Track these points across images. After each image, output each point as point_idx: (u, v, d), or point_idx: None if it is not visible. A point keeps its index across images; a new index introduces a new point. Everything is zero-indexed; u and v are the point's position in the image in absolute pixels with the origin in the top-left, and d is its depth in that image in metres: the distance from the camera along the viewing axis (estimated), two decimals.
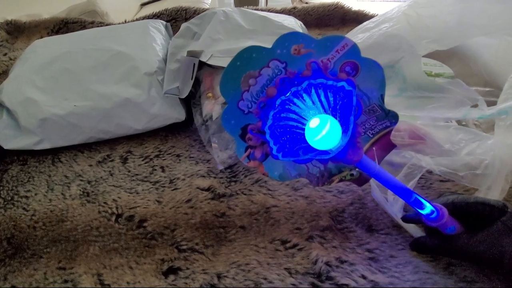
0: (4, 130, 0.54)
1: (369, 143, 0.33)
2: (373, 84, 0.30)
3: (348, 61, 0.29)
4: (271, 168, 0.33)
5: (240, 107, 0.30)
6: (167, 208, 0.44)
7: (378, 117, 0.32)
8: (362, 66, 0.30)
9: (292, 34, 0.28)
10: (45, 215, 0.45)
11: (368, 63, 0.30)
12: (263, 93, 0.30)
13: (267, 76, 0.29)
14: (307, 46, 0.28)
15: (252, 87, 0.29)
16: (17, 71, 0.59)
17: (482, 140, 0.38)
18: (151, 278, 0.37)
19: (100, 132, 0.54)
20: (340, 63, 0.29)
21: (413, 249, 0.36)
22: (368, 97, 0.31)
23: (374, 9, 0.86)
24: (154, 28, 0.66)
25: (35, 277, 0.38)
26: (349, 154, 0.31)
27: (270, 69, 0.29)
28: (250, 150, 0.32)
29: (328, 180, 0.35)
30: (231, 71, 0.29)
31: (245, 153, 0.32)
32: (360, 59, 0.30)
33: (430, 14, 0.50)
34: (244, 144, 0.32)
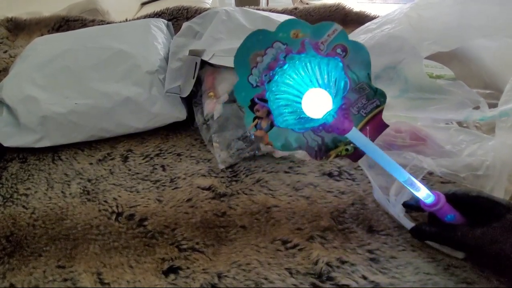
0: (4, 127, 0.53)
1: (362, 122, 0.37)
2: (361, 64, 0.35)
3: (338, 44, 0.34)
4: (275, 138, 0.37)
5: (250, 81, 0.35)
6: (168, 207, 0.44)
7: (368, 96, 0.36)
8: (350, 48, 0.34)
9: (291, 21, 0.34)
10: (44, 213, 0.45)
11: (356, 46, 0.34)
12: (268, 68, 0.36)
13: (271, 55, 0.34)
14: (303, 31, 0.34)
15: (259, 64, 0.34)
16: (18, 69, 0.59)
17: (483, 141, 0.38)
18: (151, 277, 0.37)
19: (100, 130, 0.54)
20: (331, 45, 0.34)
21: (413, 235, 0.37)
22: (357, 76, 0.35)
23: (375, 11, 0.86)
24: (156, 27, 0.66)
25: (34, 276, 0.38)
26: (339, 123, 0.35)
27: (274, 49, 0.34)
28: (257, 120, 0.36)
29: (326, 155, 0.38)
30: (242, 51, 0.34)
31: (253, 123, 0.36)
32: (348, 42, 0.34)
33: (431, 16, 0.50)
34: (252, 114, 0.36)
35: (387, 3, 2.10)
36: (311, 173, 0.47)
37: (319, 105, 0.34)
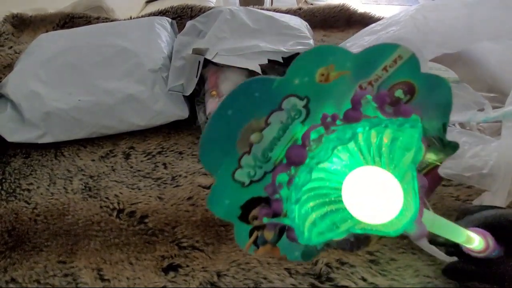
0: (7, 123, 0.54)
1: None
2: (435, 110, 0.21)
3: (399, 82, 0.19)
4: (289, 248, 0.23)
5: (237, 179, 0.19)
6: (169, 205, 0.44)
7: (433, 150, 0.23)
8: (420, 87, 0.20)
9: (320, 51, 0.18)
10: (46, 208, 0.45)
11: (429, 82, 0.20)
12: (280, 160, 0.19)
13: (279, 123, 0.18)
14: (340, 66, 0.18)
15: (256, 146, 0.18)
16: (22, 65, 0.59)
17: (486, 143, 0.38)
18: (151, 275, 0.37)
19: (103, 127, 0.54)
20: (387, 85, 0.19)
21: (448, 276, 0.31)
22: (426, 128, 0.20)
23: (380, 12, 0.86)
24: (160, 25, 0.66)
25: (35, 270, 0.38)
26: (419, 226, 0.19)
27: (284, 112, 0.18)
28: (256, 232, 0.22)
29: (365, 242, 0.25)
30: (217, 128, 0.18)
31: (250, 239, 0.22)
32: (418, 77, 0.20)
33: (437, 18, 0.49)
34: (247, 226, 0.21)
35: (392, 4, 2.09)
36: None
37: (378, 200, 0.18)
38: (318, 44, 0.72)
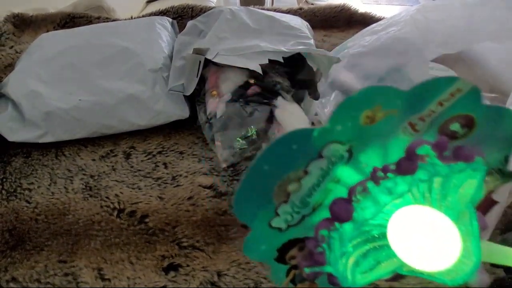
0: (8, 122, 0.54)
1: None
2: (496, 143, 0.19)
3: (457, 116, 0.17)
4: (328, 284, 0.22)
5: (274, 226, 0.19)
6: (169, 204, 0.44)
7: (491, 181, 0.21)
8: (479, 120, 0.18)
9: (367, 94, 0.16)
10: (47, 208, 0.45)
11: (491, 113, 0.18)
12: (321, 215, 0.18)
13: (319, 170, 0.17)
14: (388, 105, 0.16)
15: (294, 194, 0.17)
16: (23, 64, 0.59)
17: None
18: (151, 274, 0.37)
19: (103, 127, 0.54)
20: (441, 120, 0.17)
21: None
22: (486, 160, 0.18)
23: (380, 12, 0.86)
24: (160, 25, 0.66)
25: (36, 269, 0.38)
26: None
27: (325, 159, 0.17)
28: (294, 271, 0.21)
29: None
30: (253, 183, 0.17)
31: (287, 278, 0.21)
32: (479, 110, 0.18)
33: (438, 18, 0.49)
34: (283, 267, 0.21)
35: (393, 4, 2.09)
36: None
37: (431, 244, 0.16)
38: (319, 44, 0.72)
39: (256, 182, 0.17)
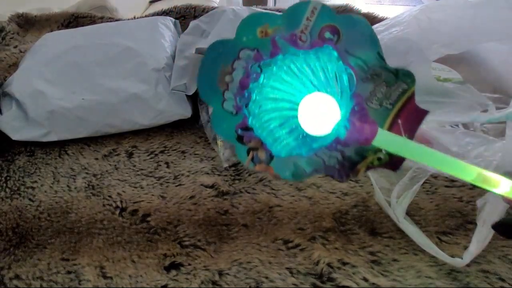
0: (12, 121, 0.54)
1: (391, 116, 0.27)
2: (363, 43, 0.26)
3: (324, 26, 0.25)
4: (281, 168, 0.29)
5: (226, 108, 0.27)
6: (171, 203, 0.45)
7: (388, 81, 0.27)
8: (341, 27, 0.25)
9: (253, 16, 0.26)
10: (50, 206, 0.46)
11: (348, 21, 0.26)
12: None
13: (241, 68, 0.26)
14: (272, 24, 0.26)
15: (230, 84, 0.27)
16: (27, 64, 0.60)
17: (489, 144, 0.38)
18: (153, 273, 0.37)
19: (106, 126, 0.55)
20: (316, 31, 0.25)
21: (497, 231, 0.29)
22: (363, 60, 0.26)
23: (383, 12, 0.85)
24: (163, 25, 0.66)
25: (39, 267, 0.39)
26: (358, 132, 0.25)
27: (243, 60, 0.26)
28: (252, 152, 0.28)
29: (352, 171, 0.29)
30: (204, 73, 0.27)
31: (248, 157, 0.28)
32: (336, 19, 0.26)
33: (441, 19, 0.49)
34: (244, 147, 0.28)
35: (396, 4, 2.08)
36: None
37: (322, 116, 0.26)
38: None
39: (205, 72, 0.27)
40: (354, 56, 0.26)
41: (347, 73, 0.26)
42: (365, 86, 0.26)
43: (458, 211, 0.40)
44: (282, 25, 0.26)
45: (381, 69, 0.26)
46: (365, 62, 0.26)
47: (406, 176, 0.39)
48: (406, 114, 0.27)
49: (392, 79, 0.27)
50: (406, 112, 0.27)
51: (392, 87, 0.26)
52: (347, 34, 0.26)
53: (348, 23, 0.26)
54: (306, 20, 0.25)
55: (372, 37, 0.26)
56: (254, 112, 0.27)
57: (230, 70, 0.26)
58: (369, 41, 0.26)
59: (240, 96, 0.27)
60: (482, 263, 0.35)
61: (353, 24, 0.26)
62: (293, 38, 0.26)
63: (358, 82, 0.26)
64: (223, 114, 0.27)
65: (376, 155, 0.28)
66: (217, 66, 0.26)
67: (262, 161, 0.28)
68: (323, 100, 0.26)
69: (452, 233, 0.38)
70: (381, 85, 0.27)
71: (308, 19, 0.25)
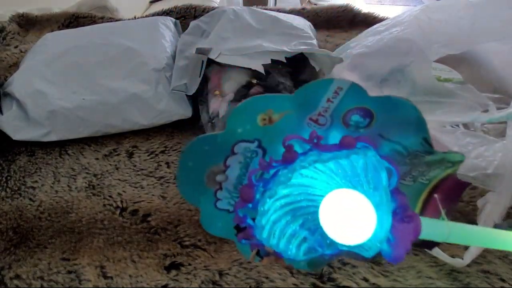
0: (13, 121, 0.54)
1: (426, 190, 0.23)
2: (405, 128, 0.20)
3: (353, 108, 0.20)
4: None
5: (220, 207, 0.23)
6: (171, 203, 0.45)
7: (429, 164, 0.22)
8: (376, 110, 0.20)
9: (251, 103, 0.20)
10: (51, 206, 0.46)
11: (385, 103, 0.20)
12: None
13: (238, 164, 0.21)
14: (278, 109, 0.20)
15: (225, 183, 0.22)
16: (28, 64, 0.60)
17: (489, 144, 0.38)
18: (153, 273, 0.37)
19: (107, 126, 0.55)
20: (340, 114, 0.20)
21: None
22: (403, 145, 0.21)
23: (383, 12, 0.85)
24: (164, 25, 0.66)
25: (39, 267, 0.39)
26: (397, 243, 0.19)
27: (239, 155, 0.21)
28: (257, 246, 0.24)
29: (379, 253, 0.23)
30: (184, 176, 0.21)
31: (253, 252, 0.23)
32: (369, 101, 0.20)
33: (441, 19, 0.49)
34: (246, 242, 0.24)
35: (396, 4, 2.08)
36: None
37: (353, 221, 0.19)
38: (322, 44, 0.72)
39: (187, 175, 0.22)
40: (391, 141, 0.21)
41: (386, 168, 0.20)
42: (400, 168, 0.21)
43: (458, 211, 0.40)
44: (292, 108, 0.20)
45: (425, 153, 0.21)
46: (405, 147, 0.21)
47: None
48: (445, 188, 0.23)
49: (436, 161, 0.22)
50: (445, 186, 0.23)
51: (432, 167, 0.22)
52: (384, 117, 0.20)
53: (386, 105, 0.20)
54: (326, 102, 0.20)
55: (419, 121, 0.21)
56: (261, 224, 0.21)
57: (222, 169, 0.21)
58: (414, 125, 0.21)
59: (243, 209, 0.21)
60: (482, 264, 0.35)
61: (393, 106, 0.20)
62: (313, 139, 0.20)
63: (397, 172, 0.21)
64: (216, 214, 0.23)
65: None
66: (203, 166, 0.21)
67: (270, 253, 0.23)
68: (354, 198, 0.19)
69: None
70: (421, 165, 0.22)
71: (329, 100, 0.20)
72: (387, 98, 0.20)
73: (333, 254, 0.22)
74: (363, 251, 0.20)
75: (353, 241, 0.19)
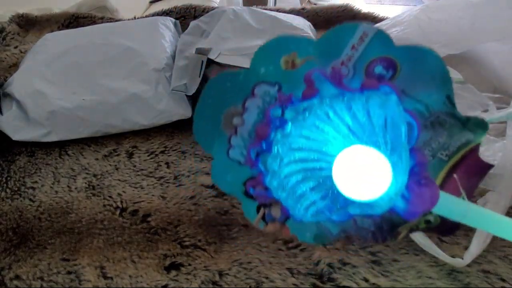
0: (13, 121, 0.54)
1: (445, 169, 0.21)
2: (429, 84, 0.19)
3: (377, 58, 0.19)
4: (300, 228, 0.23)
5: (232, 157, 0.22)
6: (171, 204, 0.45)
7: (451, 130, 0.20)
8: (401, 61, 0.19)
9: (276, 42, 0.19)
10: (50, 206, 0.46)
11: (411, 53, 0.19)
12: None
13: (256, 108, 0.20)
14: (302, 53, 0.19)
15: (240, 128, 0.21)
16: (27, 64, 0.60)
17: (489, 143, 0.38)
18: (153, 273, 0.37)
19: (106, 126, 0.55)
20: (363, 64, 0.19)
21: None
22: (425, 104, 0.20)
23: (383, 12, 0.85)
24: (163, 25, 0.66)
25: (39, 267, 0.39)
26: (413, 202, 0.19)
27: (258, 98, 0.20)
28: (264, 209, 0.23)
29: (391, 234, 0.23)
30: (203, 114, 0.21)
31: (258, 215, 0.23)
32: (395, 50, 0.19)
33: (442, 19, 0.49)
34: (253, 203, 0.23)
35: (396, 4, 2.08)
36: None
37: (368, 176, 0.19)
38: None
39: (205, 113, 0.21)
40: (413, 98, 0.19)
41: (407, 123, 0.19)
42: (420, 134, 0.20)
43: None
44: (316, 54, 0.19)
45: (447, 116, 0.20)
46: (427, 106, 0.19)
47: None
48: (465, 168, 0.22)
49: (457, 128, 0.20)
50: (466, 166, 0.21)
51: (454, 136, 0.21)
52: (408, 70, 0.19)
53: (411, 56, 0.19)
54: (350, 49, 0.19)
55: (443, 75, 0.19)
56: (273, 168, 0.21)
57: (240, 111, 0.20)
58: (439, 80, 0.19)
59: (256, 148, 0.21)
60: (482, 264, 0.35)
61: (419, 57, 0.19)
62: (337, 76, 0.19)
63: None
64: (227, 164, 0.22)
65: (425, 217, 0.22)
66: (222, 104, 0.20)
67: (276, 220, 0.23)
68: (369, 155, 0.18)
69: None
70: (441, 134, 0.20)
71: (354, 47, 0.19)
72: (413, 47, 0.19)
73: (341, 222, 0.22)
74: (375, 209, 0.19)
75: (367, 197, 0.19)
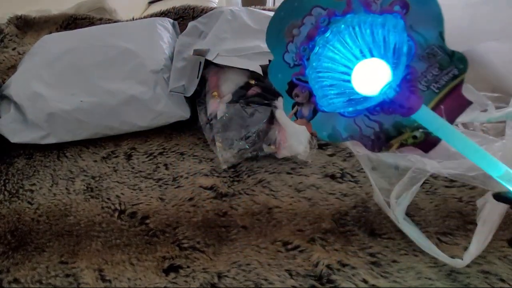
0: (11, 123, 0.54)
1: (435, 99, 0.28)
2: (429, 22, 0.27)
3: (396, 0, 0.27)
4: (319, 127, 0.31)
5: (286, 60, 0.29)
6: (170, 205, 0.44)
7: (441, 64, 0.28)
8: (411, 2, 0.27)
9: None
10: (49, 209, 0.45)
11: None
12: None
13: (310, 24, 0.28)
14: None
15: (296, 38, 0.29)
16: (26, 66, 0.60)
17: (489, 143, 0.38)
18: (151, 275, 0.37)
19: (105, 128, 0.55)
20: (387, 2, 0.27)
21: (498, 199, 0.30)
22: (425, 38, 0.27)
23: None
24: (162, 26, 0.66)
25: (38, 271, 0.39)
26: (404, 98, 0.27)
27: (313, 17, 0.28)
28: (297, 107, 0.31)
29: (386, 145, 0.30)
30: (275, 22, 0.29)
31: (292, 110, 0.31)
32: None
33: None
34: (291, 100, 0.31)
35: None
36: (314, 175, 0.47)
37: (375, 77, 0.27)
38: None
39: (276, 22, 0.29)
40: (416, 31, 0.27)
41: (408, 44, 0.27)
42: (419, 64, 0.28)
43: (458, 212, 0.40)
44: None
45: (439, 49, 0.27)
46: (425, 39, 0.27)
47: (406, 177, 0.38)
48: (450, 101, 0.28)
49: (446, 61, 0.28)
50: (451, 99, 0.28)
51: (444, 70, 0.28)
52: (416, 9, 0.27)
53: (419, 0, 0.27)
54: None
55: (439, 16, 0.27)
56: (312, 64, 0.29)
57: (299, 24, 0.28)
58: (435, 19, 0.27)
59: (305, 46, 0.29)
60: (482, 264, 0.35)
61: (424, 2, 0.27)
62: (367, 3, 0.28)
63: (415, 56, 0.27)
64: (281, 65, 0.29)
65: (412, 133, 0.29)
66: (287, 18, 0.28)
67: (304, 117, 0.31)
68: (378, 63, 0.27)
69: (452, 234, 0.38)
70: (434, 66, 0.28)
71: None
72: None
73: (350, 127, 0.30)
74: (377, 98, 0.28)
75: (372, 90, 0.27)
